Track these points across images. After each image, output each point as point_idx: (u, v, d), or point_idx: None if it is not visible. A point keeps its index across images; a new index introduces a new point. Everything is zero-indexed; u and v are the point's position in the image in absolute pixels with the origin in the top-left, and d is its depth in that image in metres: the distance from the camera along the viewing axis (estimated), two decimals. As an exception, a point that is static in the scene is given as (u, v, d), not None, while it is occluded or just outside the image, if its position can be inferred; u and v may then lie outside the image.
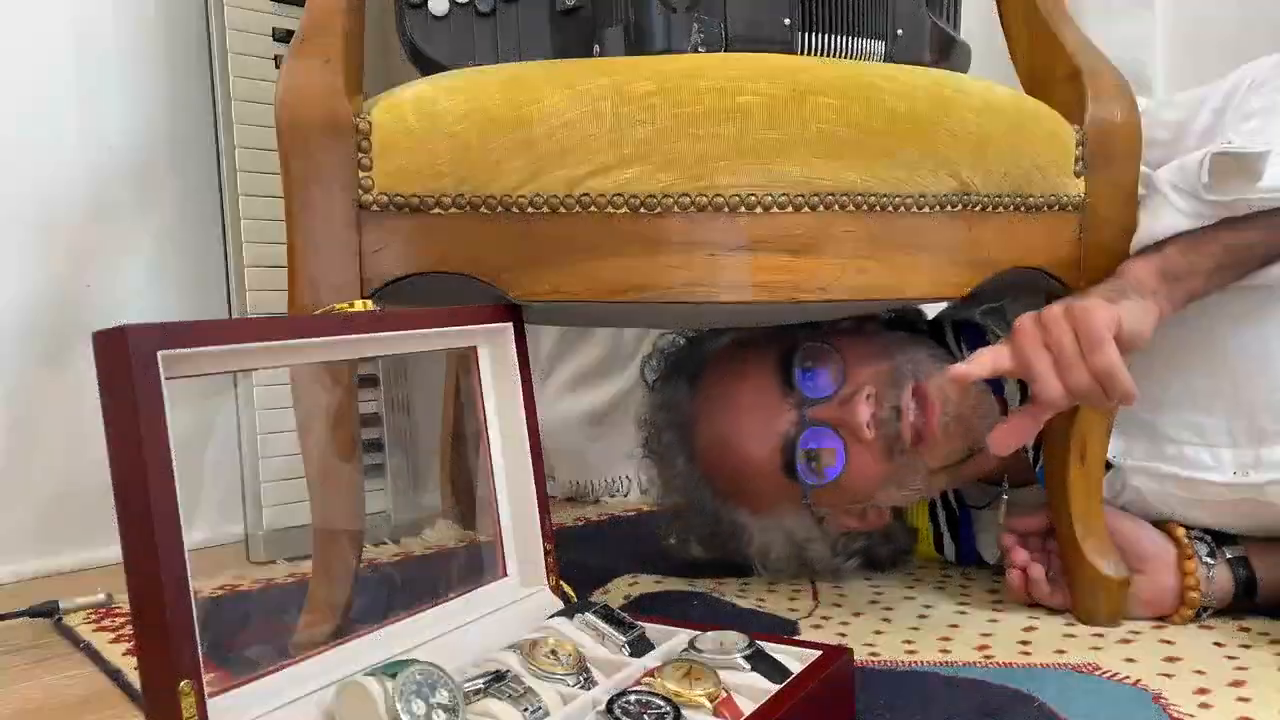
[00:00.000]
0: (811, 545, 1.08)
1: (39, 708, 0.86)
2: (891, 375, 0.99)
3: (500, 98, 0.79)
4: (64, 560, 1.26)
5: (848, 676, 0.74)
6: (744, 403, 1.02)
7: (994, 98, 0.87)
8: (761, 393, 1.01)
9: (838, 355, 1.00)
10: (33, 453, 1.27)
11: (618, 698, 0.64)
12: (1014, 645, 0.90)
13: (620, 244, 0.80)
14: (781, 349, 1.02)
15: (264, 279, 1.30)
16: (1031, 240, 0.90)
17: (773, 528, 1.07)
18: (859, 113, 0.81)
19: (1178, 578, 0.94)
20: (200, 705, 0.55)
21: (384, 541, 1.33)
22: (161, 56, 1.35)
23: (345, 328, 0.72)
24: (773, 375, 1.01)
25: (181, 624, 0.55)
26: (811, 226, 0.81)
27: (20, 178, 1.26)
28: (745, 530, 1.08)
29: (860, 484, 1.00)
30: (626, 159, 0.79)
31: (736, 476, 1.04)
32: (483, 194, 0.80)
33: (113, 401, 0.55)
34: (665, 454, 1.10)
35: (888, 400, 0.97)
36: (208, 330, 0.62)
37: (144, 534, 0.54)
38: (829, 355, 1.01)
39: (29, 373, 1.27)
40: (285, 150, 0.80)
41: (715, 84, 0.79)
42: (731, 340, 1.09)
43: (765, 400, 1.00)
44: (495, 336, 0.84)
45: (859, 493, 1.01)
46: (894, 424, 0.97)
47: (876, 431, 0.97)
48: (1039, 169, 0.89)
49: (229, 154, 1.29)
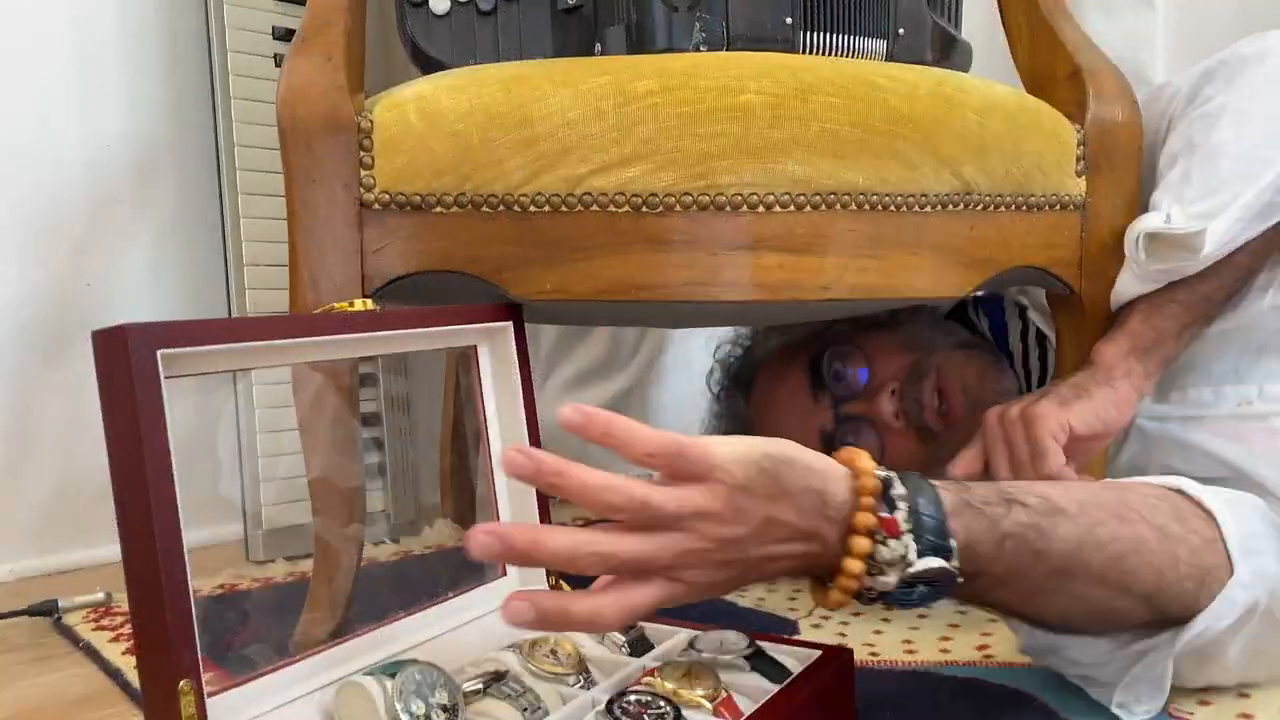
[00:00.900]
0: None
1: (38, 707, 0.85)
2: (914, 369, 1.05)
3: (502, 96, 0.79)
4: (63, 559, 1.26)
5: (848, 676, 0.74)
6: (785, 404, 1.10)
7: (995, 97, 0.87)
8: (799, 394, 1.09)
9: (862, 354, 1.07)
10: (32, 451, 1.27)
11: (617, 698, 0.64)
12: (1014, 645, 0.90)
13: (622, 243, 0.80)
14: (813, 353, 1.10)
15: (264, 278, 1.30)
16: (1033, 239, 0.90)
17: None
18: (861, 112, 0.81)
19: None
20: (200, 704, 0.55)
21: (384, 541, 1.33)
22: (161, 55, 1.35)
23: (345, 327, 0.72)
24: (807, 379, 1.09)
25: (181, 623, 0.55)
26: (813, 225, 0.81)
27: (20, 177, 1.26)
28: None
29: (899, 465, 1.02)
30: (628, 158, 0.79)
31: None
32: (484, 193, 0.80)
33: (112, 401, 0.55)
34: None
35: (909, 394, 1.04)
36: (208, 329, 0.61)
37: (143, 533, 0.54)
38: (855, 355, 1.08)
39: (28, 371, 1.26)
40: (286, 149, 0.80)
41: (717, 83, 0.79)
42: (777, 347, 1.17)
43: (803, 402, 1.09)
44: (495, 335, 0.83)
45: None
46: (918, 414, 1.03)
47: (905, 420, 1.04)
48: (1040, 168, 0.89)
49: (229, 153, 1.29)
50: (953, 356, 1.06)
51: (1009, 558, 0.63)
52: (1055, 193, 0.90)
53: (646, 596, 0.56)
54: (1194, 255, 0.85)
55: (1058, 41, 0.95)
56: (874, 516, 0.59)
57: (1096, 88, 0.92)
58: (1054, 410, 0.86)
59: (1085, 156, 0.91)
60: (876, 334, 1.10)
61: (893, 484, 0.60)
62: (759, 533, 0.58)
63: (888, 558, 0.59)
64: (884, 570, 0.59)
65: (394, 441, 1.42)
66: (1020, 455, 0.87)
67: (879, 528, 0.59)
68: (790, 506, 0.58)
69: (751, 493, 0.57)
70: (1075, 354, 0.95)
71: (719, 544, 0.57)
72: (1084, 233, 0.92)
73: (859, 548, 0.59)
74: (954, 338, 1.11)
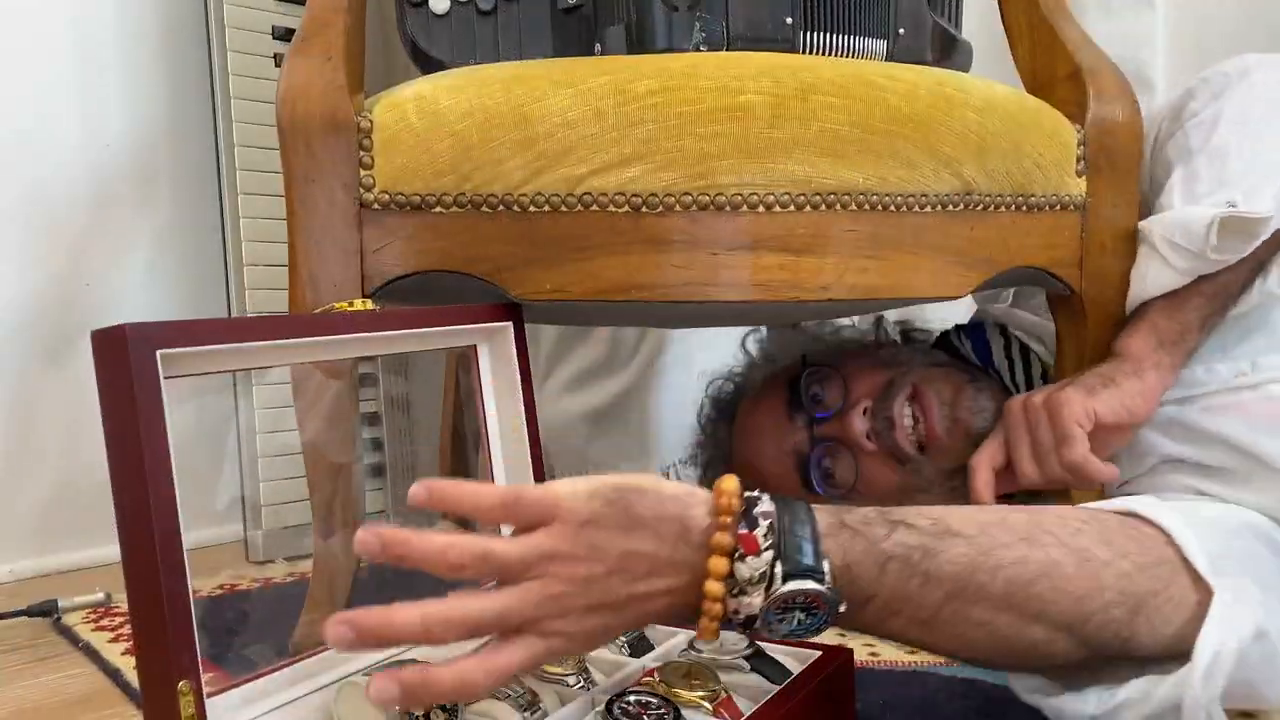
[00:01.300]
0: None
1: (37, 707, 0.85)
2: (887, 387, 1.02)
3: (502, 96, 0.79)
4: (63, 559, 1.26)
5: (848, 676, 0.74)
6: (761, 427, 1.08)
7: (995, 97, 0.87)
8: (774, 415, 1.07)
9: (838, 375, 1.05)
10: (31, 451, 1.27)
11: (617, 698, 0.64)
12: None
13: (621, 243, 0.80)
14: (791, 375, 1.08)
15: (264, 278, 1.30)
16: (1033, 240, 0.90)
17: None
18: (861, 112, 0.81)
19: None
20: (199, 705, 0.55)
21: (384, 541, 1.33)
22: (161, 55, 1.35)
23: (345, 327, 0.72)
24: (784, 400, 1.07)
25: (180, 624, 0.55)
26: (813, 226, 0.81)
27: (20, 177, 1.26)
28: None
29: (876, 493, 1.01)
30: (628, 158, 0.78)
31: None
32: (484, 193, 0.79)
33: (112, 401, 0.55)
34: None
35: (880, 411, 1.01)
36: (207, 329, 0.61)
37: (143, 533, 0.54)
38: (831, 376, 1.06)
39: (28, 371, 1.26)
40: (286, 148, 0.80)
41: (717, 83, 0.79)
42: (763, 377, 1.16)
43: (778, 423, 1.06)
44: (495, 335, 0.83)
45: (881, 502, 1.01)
46: (889, 433, 1.00)
47: (877, 441, 1.01)
48: (1040, 168, 0.89)
49: (229, 152, 1.29)
50: (929, 374, 1.03)
51: (893, 580, 0.60)
52: (1055, 193, 0.90)
53: (513, 656, 0.53)
54: (1251, 243, 0.83)
55: (1058, 41, 0.95)
56: (730, 536, 0.56)
57: (1097, 88, 0.92)
58: (1080, 397, 0.85)
59: (1085, 156, 0.91)
60: (854, 357, 1.09)
61: (758, 503, 0.57)
62: (619, 568, 0.55)
63: (748, 575, 0.55)
64: (746, 590, 0.56)
65: (394, 441, 1.42)
66: (1044, 442, 0.86)
67: (737, 545, 0.56)
68: (648, 536, 0.55)
69: (601, 525, 0.54)
70: (1075, 354, 0.95)
71: (578, 585, 0.54)
72: (1084, 233, 0.92)
73: (717, 568, 0.56)
74: (930, 358, 1.09)
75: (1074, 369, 0.94)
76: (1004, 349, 1.09)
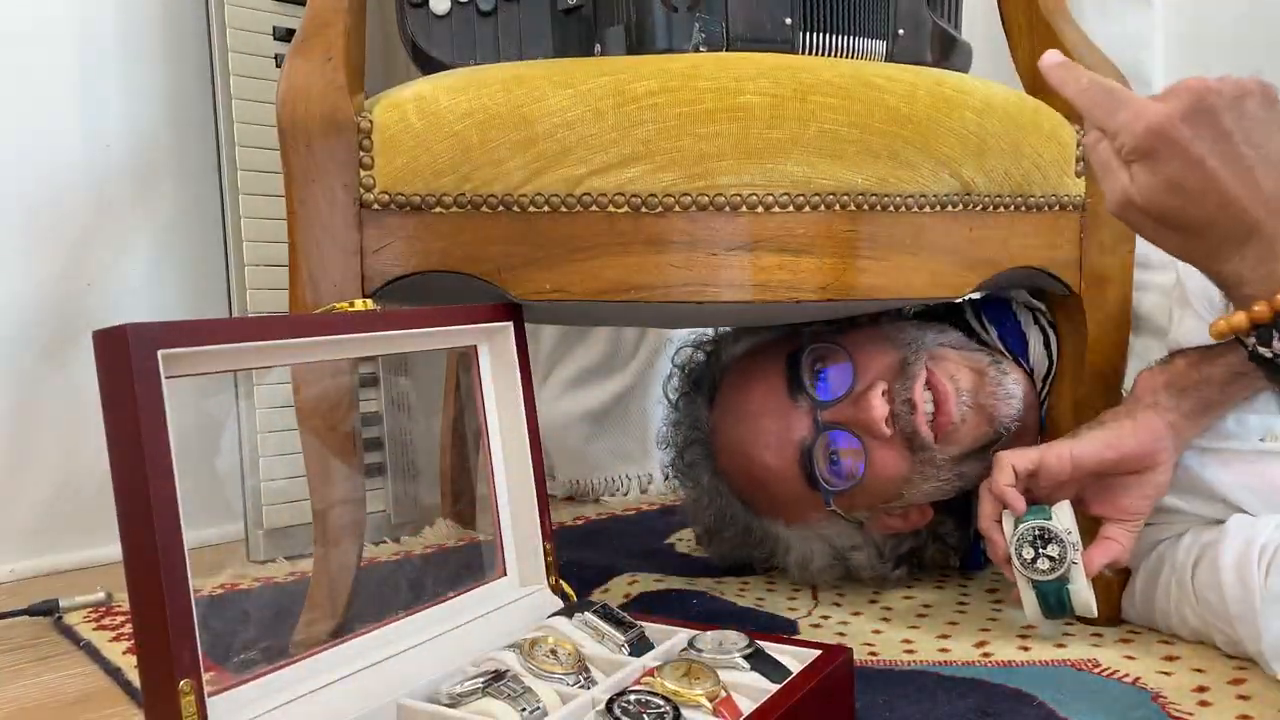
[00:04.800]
0: (854, 552, 1.04)
1: (38, 706, 0.86)
2: (901, 366, 0.96)
3: (502, 97, 0.79)
4: (63, 559, 1.26)
5: (847, 676, 0.74)
6: (757, 409, 1.00)
7: (995, 97, 0.87)
8: (774, 398, 0.99)
9: (845, 352, 0.98)
10: (32, 451, 1.27)
11: (617, 697, 0.64)
12: (1013, 644, 0.90)
13: (621, 243, 0.80)
14: (789, 351, 1.00)
15: (264, 278, 1.30)
16: (1032, 240, 0.90)
17: (811, 537, 1.03)
18: (860, 112, 0.81)
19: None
20: (200, 704, 0.55)
21: (384, 541, 1.33)
22: (162, 55, 1.35)
23: (345, 327, 0.72)
24: (783, 379, 0.99)
25: (181, 623, 0.55)
26: (812, 226, 0.81)
27: (20, 176, 1.26)
28: (781, 541, 1.05)
29: (885, 483, 0.97)
30: (628, 158, 0.79)
31: (760, 487, 1.02)
32: (484, 193, 0.80)
33: (113, 400, 0.55)
34: (689, 471, 1.08)
35: (899, 394, 0.95)
36: (208, 329, 0.62)
37: (144, 533, 0.54)
38: (837, 354, 0.98)
39: (29, 371, 1.27)
40: (286, 149, 0.80)
41: (716, 83, 0.79)
42: (745, 349, 1.07)
43: (778, 406, 0.99)
44: (495, 335, 0.84)
45: (885, 493, 0.98)
46: (909, 417, 0.94)
47: (895, 428, 0.95)
48: (1039, 169, 0.89)
49: (229, 153, 1.29)
50: (945, 354, 0.98)
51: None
52: (1055, 193, 0.90)
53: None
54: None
55: (1057, 41, 0.95)
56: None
57: (1096, 88, 0.92)
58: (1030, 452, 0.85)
59: (1085, 157, 0.91)
60: (858, 330, 1.01)
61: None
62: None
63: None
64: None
65: (394, 441, 1.42)
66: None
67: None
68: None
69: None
70: (1075, 354, 0.95)
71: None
72: (1084, 233, 0.92)
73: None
74: (945, 336, 1.02)
75: (1074, 369, 0.94)
76: (1044, 344, 1.03)
